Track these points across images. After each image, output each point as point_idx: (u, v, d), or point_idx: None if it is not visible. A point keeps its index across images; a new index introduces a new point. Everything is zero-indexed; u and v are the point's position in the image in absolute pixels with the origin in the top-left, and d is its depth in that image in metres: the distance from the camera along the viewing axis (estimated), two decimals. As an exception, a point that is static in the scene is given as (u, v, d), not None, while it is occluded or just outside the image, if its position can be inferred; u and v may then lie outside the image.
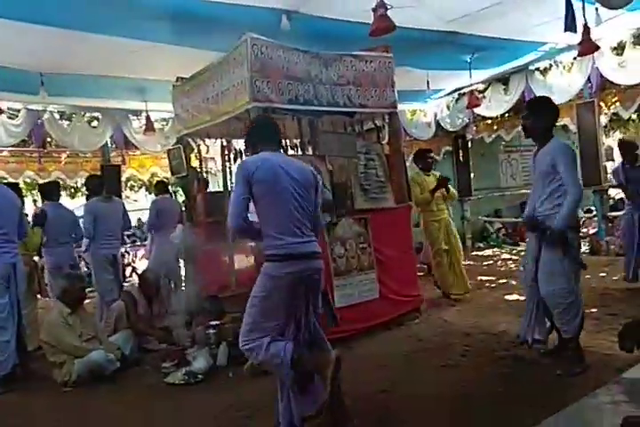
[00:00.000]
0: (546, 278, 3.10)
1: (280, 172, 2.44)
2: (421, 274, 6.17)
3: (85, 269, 8.34)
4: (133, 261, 9.49)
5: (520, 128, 8.74)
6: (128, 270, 8.63)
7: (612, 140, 10.22)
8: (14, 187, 4.48)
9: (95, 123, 7.48)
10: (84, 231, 5.29)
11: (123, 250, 7.15)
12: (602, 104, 7.38)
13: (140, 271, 5.88)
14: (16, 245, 3.88)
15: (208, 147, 5.48)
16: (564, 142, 3.21)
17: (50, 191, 5.35)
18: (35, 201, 7.98)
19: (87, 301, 4.61)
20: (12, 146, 7.03)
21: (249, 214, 2.45)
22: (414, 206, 5.28)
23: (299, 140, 5.42)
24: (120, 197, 6.80)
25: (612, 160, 10.60)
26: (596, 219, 8.02)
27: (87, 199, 5.66)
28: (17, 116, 6.51)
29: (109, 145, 7.86)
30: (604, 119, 7.73)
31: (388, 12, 3.89)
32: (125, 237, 7.99)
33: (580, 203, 3.13)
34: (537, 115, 3.19)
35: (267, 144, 2.60)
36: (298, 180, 2.48)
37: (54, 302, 3.99)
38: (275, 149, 2.62)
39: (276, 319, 2.44)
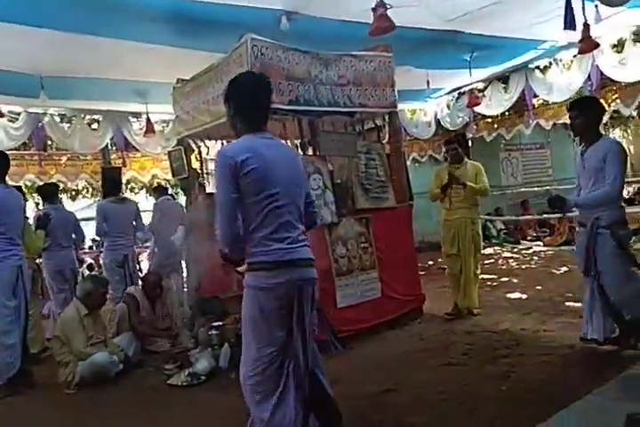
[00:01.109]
0: (614, 285, 3.17)
1: (269, 163, 2.02)
2: (423, 273, 6.17)
3: (87, 272, 8.37)
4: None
5: (521, 126, 8.93)
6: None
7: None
8: (17, 191, 4.48)
9: (95, 125, 7.48)
10: (96, 231, 5.37)
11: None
12: (602, 101, 7.37)
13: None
14: (21, 247, 3.89)
15: (209, 148, 5.48)
16: (618, 140, 3.36)
17: (50, 193, 5.35)
18: (37, 204, 7.97)
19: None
20: (13, 149, 7.02)
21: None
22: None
23: (299, 141, 5.43)
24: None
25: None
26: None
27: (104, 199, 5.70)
28: (17, 120, 6.51)
29: (110, 147, 7.87)
30: (604, 117, 7.72)
31: (388, 12, 3.90)
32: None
33: (613, 200, 3.16)
34: (585, 113, 3.23)
35: (251, 123, 2.11)
36: (287, 170, 2.08)
37: (74, 301, 3.99)
38: (259, 128, 2.12)
39: (273, 344, 2.06)
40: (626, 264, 3.15)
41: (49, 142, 7.44)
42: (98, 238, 8.79)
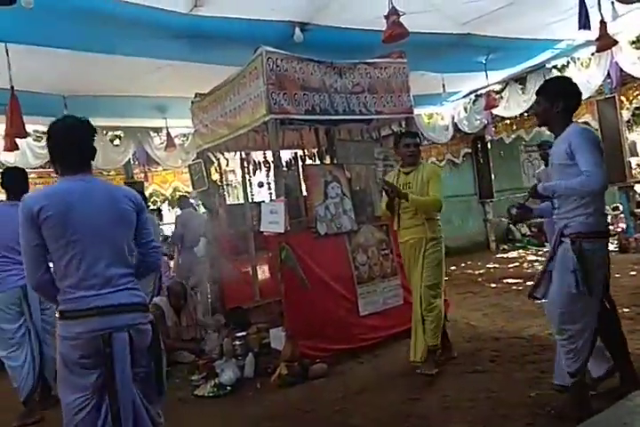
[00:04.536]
0: (552, 306, 2.60)
1: (71, 208, 1.94)
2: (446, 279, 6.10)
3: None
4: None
5: (540, 128, 8.80)
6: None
7: (635, 135, 10.01)
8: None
9: (117, 141, 7.67)
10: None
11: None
12: (623, 99, 7.25)
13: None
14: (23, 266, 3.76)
15: (227, 160, 5.55)
16: (584, 126, 2.62)
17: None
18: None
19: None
20: (39, 167, 7.24)
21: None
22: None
23: (316, 150, 5.46)
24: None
25: (637, 155, 10.36)
26: (623, 216, 7.83)
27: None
28: (42, 139, 6.72)
29: (132, 162, 8.05)
30: (626, 114, 7.58)
31: (401, 18, 3.91)
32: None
33: (591, 194, 2.46)
34: (550, 98, 2.61)
35: (67, 165, 2.04)
36: (99, 213, 1.98)
37: None
38: (77, 170, 2.04)
39: (80, 391, 1.91)
40: (577, 286, 2.44)
41: (73, 159, 7.64)
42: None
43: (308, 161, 5.49)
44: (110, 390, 1.90)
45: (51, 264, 2.01)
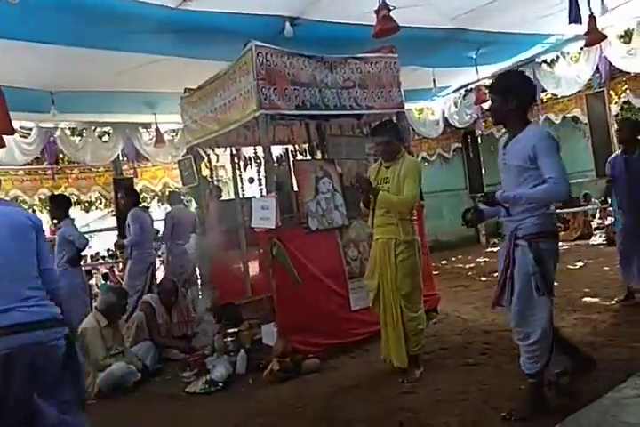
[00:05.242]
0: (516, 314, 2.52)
1: None
2: (436, 273, 6.13)
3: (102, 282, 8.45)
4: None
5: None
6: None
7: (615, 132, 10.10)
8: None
9: (106, 137, 7.59)
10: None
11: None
12: (612, 93, 7.30)
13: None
14: None
15: (218, 155, 5.52)
16: (545, 129, 2.55)
17: (66, 206, 5.13)
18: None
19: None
20: (26, 164, 7.15)
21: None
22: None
23: (307, 145, 5.45)
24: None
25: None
26: (611, 209, 7.90)
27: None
28: (29, 135, 6.63)
29: (121, 158, 7.97)
30: (614, 108, 7.64)
31: (391, 13, 3.90)
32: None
33: (559, 200, 2.57)
34: (503, 94, 2.49)
35: None
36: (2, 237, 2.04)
37: (93, 312, 4.02)
38: None
39: None
40: (538, 288, 2.40)
41: (61, 156, 7.56)
42: (112, 248, 8.90)
43: (299, 156, 5.47)
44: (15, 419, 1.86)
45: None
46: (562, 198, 2.42)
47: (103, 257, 10.08)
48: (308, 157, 5.36)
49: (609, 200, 8.01)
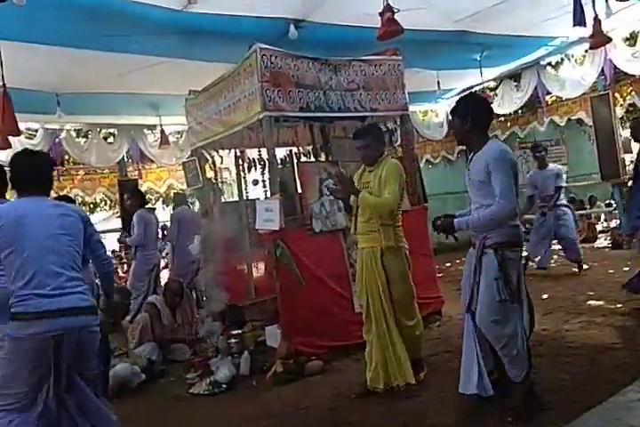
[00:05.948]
0: (483, 321, 2.61)
1: (20, 221, 2.21)
2: (440, 275, 6.12)
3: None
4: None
5: (534, 124, 8.84)
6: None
7: (629, 132, 10.05)
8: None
9: (111, 139, 7.62)
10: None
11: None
12: (617, 96, 7.28)
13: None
14: None
15: (222, 157, 5.53)
16: (503, 147, 2.66)
17: None
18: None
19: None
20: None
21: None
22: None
23: (311, 147, 5.45)
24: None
25: (630, 152, 10.43)
26: (616, 212, 7.87)
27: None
28: (35, 136, 6.67)
29: (126, 160, 8.01)
30: (619, 111, 7.62)
31: (396, 15, 3.91)
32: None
33: (504, 220, 2.55)
34: (460, 116, 2.70)
35: (25, 189, 2.37)
36: (45, 225, 2.24)
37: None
38: (34, 193, 2.35)
39: (17, 387, 2.11)
40: (500, 293, 2.51)
41: (66, 157, 7.60)
42: (117, 249, 8.93)
43: (303, 158, 5.47)
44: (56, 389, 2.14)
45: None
46: (508, 217, 2.56)
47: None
48: (312, 158, 5.35)
49: (614, 203, 8.01)
